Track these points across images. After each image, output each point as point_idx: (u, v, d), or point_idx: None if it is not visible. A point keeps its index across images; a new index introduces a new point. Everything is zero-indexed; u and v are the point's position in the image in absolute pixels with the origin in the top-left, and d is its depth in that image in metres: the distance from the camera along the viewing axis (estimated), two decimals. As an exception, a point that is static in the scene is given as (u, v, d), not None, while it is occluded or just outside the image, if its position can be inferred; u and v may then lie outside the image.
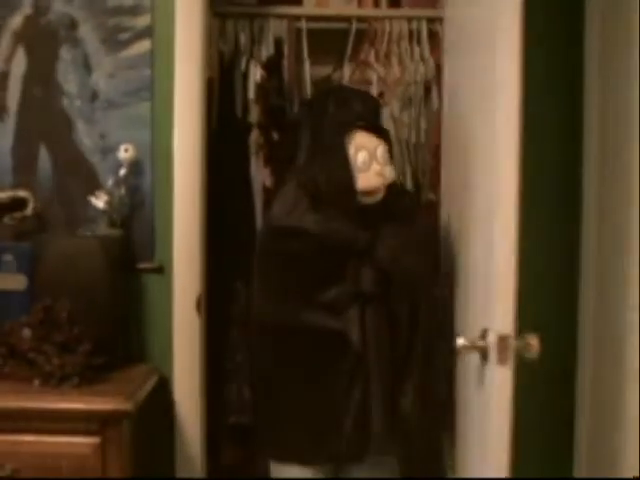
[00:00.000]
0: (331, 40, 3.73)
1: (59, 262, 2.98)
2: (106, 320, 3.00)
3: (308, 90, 3.66)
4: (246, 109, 3.55)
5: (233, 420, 3.51)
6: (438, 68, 3.55)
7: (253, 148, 3.55)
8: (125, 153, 3.17)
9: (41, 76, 3.22)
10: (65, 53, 3.21)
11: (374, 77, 3.73)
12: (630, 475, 2.74)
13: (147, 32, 3.20)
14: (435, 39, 3.67)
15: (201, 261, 3.24)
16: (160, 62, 3.21)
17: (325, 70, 3.82)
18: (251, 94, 3.54)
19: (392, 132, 3.65)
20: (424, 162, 3.68)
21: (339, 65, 3.77)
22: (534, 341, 2.21)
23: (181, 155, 3.18)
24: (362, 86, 3.63)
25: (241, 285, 3.50)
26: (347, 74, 3.73)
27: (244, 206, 3.55)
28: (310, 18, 3.69)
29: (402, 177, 3.66)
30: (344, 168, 2.66)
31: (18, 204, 3.17)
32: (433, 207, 3.48)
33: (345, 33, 3.74)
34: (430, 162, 3.63)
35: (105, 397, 2.78)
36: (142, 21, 3.19)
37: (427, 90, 3.70)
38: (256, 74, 3.56)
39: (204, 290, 3.28)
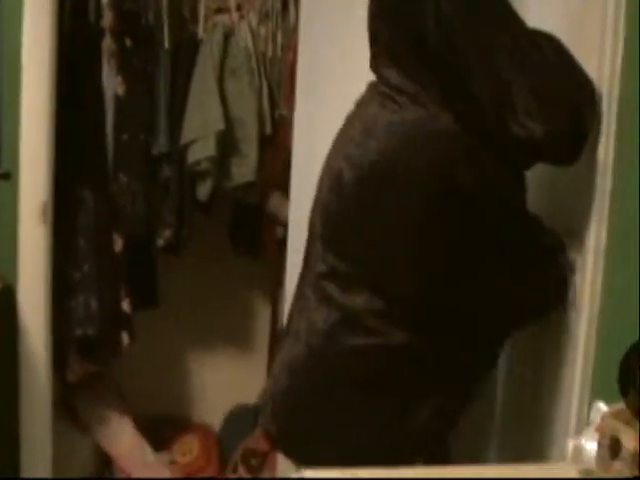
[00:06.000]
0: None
1: None
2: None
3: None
4: (99, 14, 3.44)
5: (79, 332, 3.46)
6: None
7: (105, 55, 3.45)
8: (-30, 54, 3.05)
9: None
10: None
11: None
12: None
13: None
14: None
15: (48, 168, 3.17)
16: (9, -41, 3.08)
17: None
18: (105, -1, 3.44)
19: (249, 45, 3.63)
20: (279, 77, 3.66)
21: (197, -26, 3.70)
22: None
23: (30, 57, 3.08)
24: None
25: (88, 194, 3.42)
26: (205, -17, 3.67)
27: (94, 114, 3.46)
28: None
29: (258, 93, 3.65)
30: None
31: None
32: (285, 122, 3.49)
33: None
34: (286, 77, 3.60)
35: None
36: None
37: (285, 4, 3.67)
38: (110, -21, 3.45)
39: (51, 198, 3.21)
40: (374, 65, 2.04)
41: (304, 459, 2.01)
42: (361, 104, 2.09)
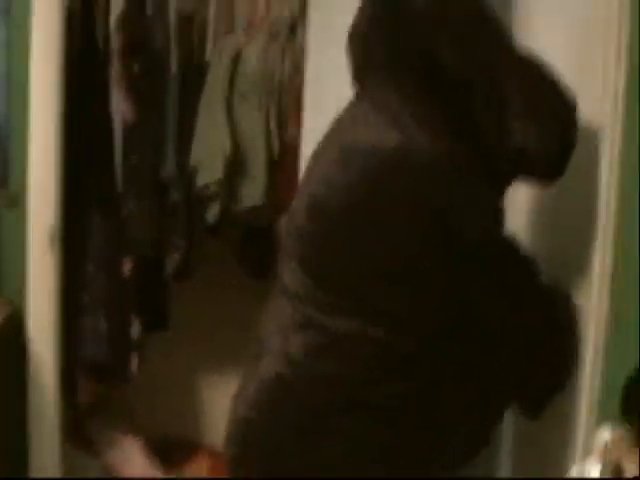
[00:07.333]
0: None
1: None
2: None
3: (172, 22, 3.57)
4: (107, 39, 3.45)
5: (89, 355, 3.45)
6: (304, 5, 3.51)
7: (114, 79, 3.46)
8: (-21, 79, 3.07)
9: None
10: None
11: (240, 12, 3.67)
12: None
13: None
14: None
15: (57, 193, 3.18)
16: (16, -15, 3.10)
17: (190, 3, 3.73)
18: (113, 24, 3.44)
19: (258, 67, 3.62)
20: (288, 98, 3.65)
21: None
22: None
23: (38, 83, 3.10)
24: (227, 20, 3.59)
25: (97, 218, 3.42)
26: (212, 9, 3.67)
27: (103, 138, 3.47)
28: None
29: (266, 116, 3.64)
30: None
31: None
32: (294, 143, 3.48)
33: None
34: (294, 98, 3.59)
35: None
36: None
37: (292, 27, 3.66)
38: (118, 4, 3.45)
39: (60, 222, 3.21)
40: (359, 79, 2.05)
41: None
42: (339, 122, 2.08)
